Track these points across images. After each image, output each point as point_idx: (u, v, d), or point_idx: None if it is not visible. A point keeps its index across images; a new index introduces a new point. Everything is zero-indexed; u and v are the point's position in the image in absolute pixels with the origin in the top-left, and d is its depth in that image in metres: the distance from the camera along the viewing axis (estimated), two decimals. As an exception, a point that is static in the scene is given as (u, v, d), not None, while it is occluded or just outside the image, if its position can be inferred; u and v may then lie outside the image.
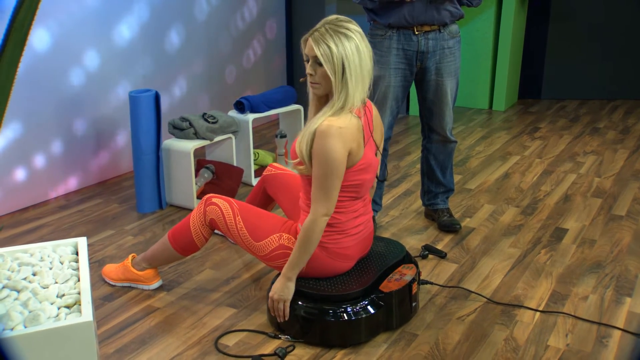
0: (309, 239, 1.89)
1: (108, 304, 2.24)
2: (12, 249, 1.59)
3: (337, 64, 1.82)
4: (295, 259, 1.92)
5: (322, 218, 1.88)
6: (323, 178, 1.84)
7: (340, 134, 1.81)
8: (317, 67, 1.86)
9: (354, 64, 1.83)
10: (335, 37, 1.82)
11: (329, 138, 1.81)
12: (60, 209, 3.10)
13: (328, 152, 1.81)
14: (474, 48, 4.90)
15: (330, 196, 1.86)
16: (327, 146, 1.81)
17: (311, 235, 1.88)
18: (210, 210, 2.14)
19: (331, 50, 1.81)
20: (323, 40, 1.82)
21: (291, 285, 1.96)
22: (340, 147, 1.82)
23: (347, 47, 1.82)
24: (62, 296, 1.40)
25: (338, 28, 1.84)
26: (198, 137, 3.07)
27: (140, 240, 2.74)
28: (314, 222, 1.87)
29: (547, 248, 2.63)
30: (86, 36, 3.23)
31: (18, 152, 2.99)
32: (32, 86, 2.99)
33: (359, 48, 1.85)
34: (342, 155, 1.83)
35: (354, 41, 1.84)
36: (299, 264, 1.93)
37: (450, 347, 1.97)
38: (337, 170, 1.83)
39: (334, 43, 1.81)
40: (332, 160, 1.82)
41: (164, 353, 1.96)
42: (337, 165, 1.83)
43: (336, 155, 1.81)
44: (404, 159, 3.81)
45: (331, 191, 1.85)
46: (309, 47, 1.87)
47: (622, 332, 2.02)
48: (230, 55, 4.26)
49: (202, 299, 2.27)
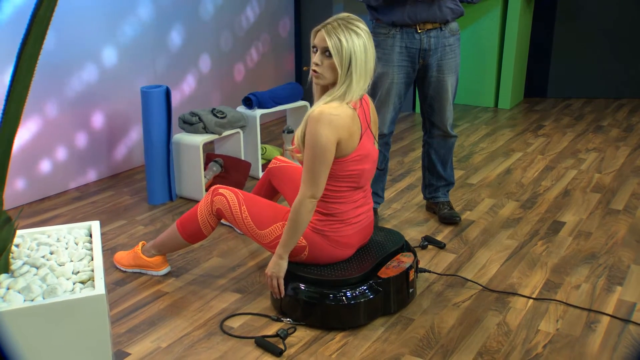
0: (297, 219, 2.00)
1: (120, 288, 2.35)
2: (31, 231, 1.70)
3: (345, 57, 1.92)
4: (286, 238, 2.04)
5: (310, 200, 1.98)
6: (310, 162, 1.95)
7: (330, 121, 1.91)
8: (325, 58, 1.96)
9: (360, 60, 1.94)
10: (346, 32, 1.93)
11: (319, 124, 1.91)
12: (75, 200, 3.22)
13: (316, 137, 1.92)
14: (480, 46, 4.97)
15: (316, 180, 1.96)
16: (316, 131, 1.91)
17: (299, 216, 1.99)
18: (217, 200, 2.25)
19: (342, 43, 1.91)
20: (335, 33, 1.92)
21: (283, 263, 2.07)
22: (329, 134, 1.92)
23: (356, 43, 1.93)
24: (76, 273, 1.51)
25: (349, 25, 1.95)
26: (207, 131, 3.18)
27: (151, 230, 2.86)
28: (302, 204, 1.98)
29: (543, 240, 2.71)
30: (101, 34, 3.35)
31: (36, 145, 3.12)
32: (49, 81, 3.12)
33: (366, 46, 1.96)
34: (330, 142, 1.93)
35: (363, 39, 1.95)
36: (290, 244, 2.05)
37: (444, 330, 2.06)
38: (323, 155, 1.93)
39: (344, 37, 1.91)
40: (319, 145, 1.92)
41: (172, 333, 2.06)
42: (324, 151, 1.93)
43: (323, 141, 1.91)
44: (408, 155, 3.90)
45: (318, 175, 1.96)
46: (319, 38, 1.97)
47: (611, 318, 2.10)
48: (240, 53, 4.36)
49: (209, 285, 2.37)
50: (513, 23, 4.83)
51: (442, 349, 1.96)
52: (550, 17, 5.22)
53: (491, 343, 1.99)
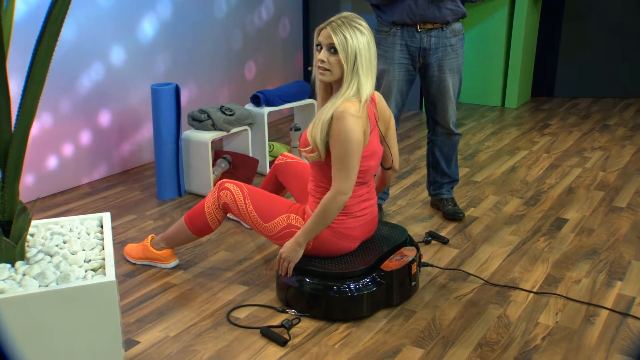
0: (326, 212, 2.05)
1: (129, 279, 2.42)
2: (45, 221, 1.77)
3: (350, 54, 1.99)
4: (310, 227, 2.08)
5: (342, 196, 2.03)
6: (344, 157, 1.99)
7: (355, 116, 1.98)
8: (330, 55, 2.02)
9: (365, 57, 2.00)
10: (350, 30, 1.99)
11: (347, 119, 1.97)
12: (86, 195, 3.29)
13: (348, 132, 1.97)
14: (487, 45, 5.00)
15: (350, 174, 2.01)
16: (346, 127, 1.97)
17: (329, 209, 2.04)
18: (223, 194, 2.31)
19: (347, 40, 1.98)
20: (340, 30, 1.99)
21: (300, 250, 2.12)
22: (359, 127, 1.99)
23: (361, 41, 1.99)
24: (88, 261, 1.58)
25: (353, 23, 2.01)
26: (216, 128, 3.24)
27: (160, 225, 2.92)
28: (334, 199, 2.03)
29: (546, 236, 2.75)
30: (112, 32, 3.42)
31: (48, 141, 3.19)
32: (61, 79, 3.19)
33: (370, 44, 2.02)
34: (361, 135, 2.00)
35: (366, 37, 2.02)
36: (312, 233, 2.10)
37: (445, 322, 2.11)
38: (358, 148, 2.00)
39: (349, 35, 1.98)
40: (352, 139, 1.98)
41: (179, 323, 2.12)
42: (358, 144, 1.99)
43: (355, 135, 1.98)
44: (414, 153, 3.94)
45: (351, 170, 2.01)
46: (324, 35, 2.03)
47: (610, 311, 2.14)
48: (249, 51, 4.43)
49: (216, 277, 2.43)
50: (520, 22, 4.86)
51: (442, 340, 2.01)
52: (558, 16, 5.24)
53: (491, 335, 2.03)
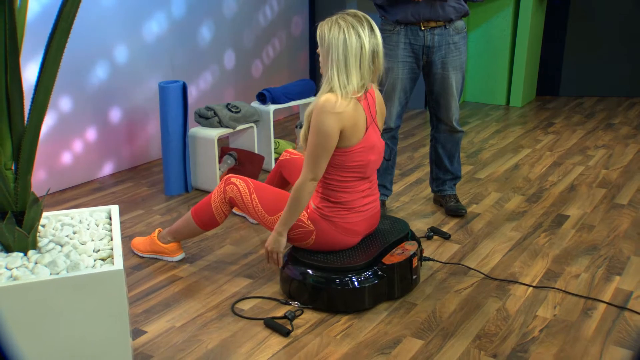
0: (297, 199, 2.11)
1: (137, 272, 2.47)
2: (55, 213, 1.83)
3: (325, 48, 2.06)
4: (286, 217, 2.16)
5: (310, 182, 2.10)
6: (313, 147, 2.06)
7: (333, 110, 2.01)
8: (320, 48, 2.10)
9: (336, 53, 2.03)
10: (333, 26, 2.04)
11: (323, 112, 2.02)
12: (96, 191, 3.35)
13: (320, 124, 2.03)
14: (492, 44, 5.03)
15: (317, 163, 2.07)
16: (320, 119, 2.03)
17: (300, 196, 2.11)
18: (229, 189, 2.36)
19: (324, 34, 2.05)
20: (325, 24, 2.07)
21: (282, 240, 2.19)
22: (332, 122, 2.02)
23: (335, 37, 2.03)
24: (97, 251, 1.63)
25: (341, 20, 2.05)
26: (222, 125, 3.29)
27: (167, 220, 2.98)
28: (302, 185, 2.10)
29: (547, 232, 2.78)
30: (121, 30, 3.48)
31: (58, 138, 3.26)
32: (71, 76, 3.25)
33: (346, 42, 2.02)
34: (333, 130, 2.03)
35: (344, 34, 2.02)
36: (289, 222, 2.17)
37: (445, 315, 2.15)
38: (326, 142, 2.04)
39: (328, 29, 2.04)
40: (323, 132, 2.03)
41: (185, 314, 2.18)
42: (326, 138, 2.04)
43: (326, 129, 2.02)
44: (418, 151, 3.98)
45: (319, 159, 2.07)
46: None
47: (607, 305, 2.17)
48: (255, 50, 4.48)
49: (222, 270, 2.48)
50: (525, 21, 4.88)
51: (442, 332, 2.05)
52: (563, 15, 5.26)
53: (490, 327, 2.07)
